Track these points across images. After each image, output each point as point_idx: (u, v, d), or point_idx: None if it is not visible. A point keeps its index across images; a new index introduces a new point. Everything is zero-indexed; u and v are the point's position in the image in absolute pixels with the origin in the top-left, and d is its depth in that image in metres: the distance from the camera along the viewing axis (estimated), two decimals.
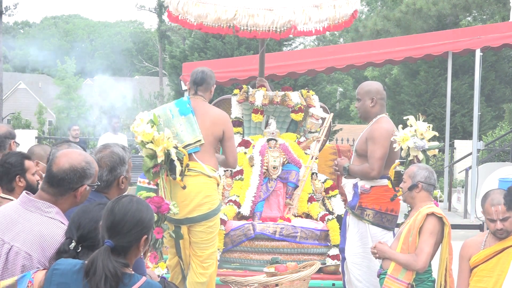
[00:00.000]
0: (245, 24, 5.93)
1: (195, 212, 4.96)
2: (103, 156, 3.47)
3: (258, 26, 5.94)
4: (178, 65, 21.47)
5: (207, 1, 5.96)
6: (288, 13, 5.93)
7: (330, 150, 7.14)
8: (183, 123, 5.03)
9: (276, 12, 5.92)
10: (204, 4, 5.94)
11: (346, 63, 11.53)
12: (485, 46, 11.23)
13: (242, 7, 5.91)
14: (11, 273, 2.78)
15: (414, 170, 4.48)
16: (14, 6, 30.38)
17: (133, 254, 2.62)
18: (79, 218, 2.76)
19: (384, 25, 20.02)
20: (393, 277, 4.31)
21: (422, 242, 4.29)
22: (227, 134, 5.15)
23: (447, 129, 12.62)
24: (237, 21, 5.93)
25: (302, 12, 5.96)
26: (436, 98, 21.94)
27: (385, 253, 4.43)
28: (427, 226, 4.29)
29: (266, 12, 5.92)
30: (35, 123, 37.09)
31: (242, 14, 5.90)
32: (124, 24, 71.78)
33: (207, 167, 4.99)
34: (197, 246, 5.03)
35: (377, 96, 5.29)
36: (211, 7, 5.92)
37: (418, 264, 4.26)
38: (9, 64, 62.94)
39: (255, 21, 5.91)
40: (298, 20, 5.95)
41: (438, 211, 4.35)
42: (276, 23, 5.92)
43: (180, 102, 5.15)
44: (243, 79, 10.77)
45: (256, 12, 5.92)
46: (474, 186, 11.53)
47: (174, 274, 5.22)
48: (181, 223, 4.99)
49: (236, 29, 5.95)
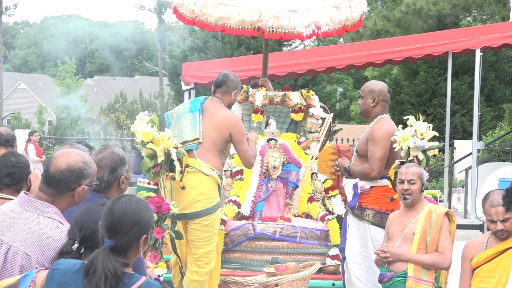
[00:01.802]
0: (271, 26, 5.96)
1: (189, 208, 4.94)
2: (104, 156, 3.47)
3: (284, 28, 5.96)
4: (178, 65, 21.47)
5: (228, 2, 5.96)
6: (311, 14, 5.97)
7: (330, 150, 7.14)
8: (188, 120, 5.10)
9: (300, 13, 5.95)
10: (225, 6, 5.94)
11: (346, 63, 11.54)
12: (485, 46, 11.25)
13: (266, 9, 5.94)
14: (9, 273, 2.77)
15: (420, 171, 4.57)
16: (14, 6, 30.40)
17: (132, 253, 2.62)
18: (82, 219, 2.75)
19: (384, 25, 20.01)
20: (417, 278, 4.34)
21: (445, 240, 4.40)
22: (235, 137, 5.11)
23: (447, 129, 12.62)
24: (262, 22, 5.94)
25: (324, 12, 6.02)
26: (436, 98, 21.93)
27: (401, 256, 4.43)
28: (445, 224, 4.43)
29: (290, 14, 5.95)
30: (35, 123, 37.09)
31: (267, 16, 5.92)
32: (124, 24, 71.77)
33: (205, 165, 4.98)
34: (192, 244, 5.01)
35: (379, 96, 5.29)
36: (234, 9, 5.93)
37: (447, 262, 4.38)
38: (9, 64, 62.94)
39: (281, 22, 5.93)
40: (322, 21, 6.01)
41: (449, 210, 4.56)
42: (302, 24, 5.95)
43: (194, 100, 5.24)
44: (243, 79, 10.76)
45: (281, 13, 5.94)
46: (474, 186, 11.54)
47: (175, 272, 5.23)
48: (176, 219, 4.99)
49: (262, 31, 5.98)
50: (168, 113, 5.31)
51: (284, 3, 6.07)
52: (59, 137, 20.18)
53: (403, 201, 4.59)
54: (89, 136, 21.44)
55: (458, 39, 11.45)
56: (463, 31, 12.77)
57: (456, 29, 16.88)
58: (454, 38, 11.58)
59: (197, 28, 24.65)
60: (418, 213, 4.48)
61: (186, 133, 5.08)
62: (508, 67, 23.92)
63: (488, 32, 11.42)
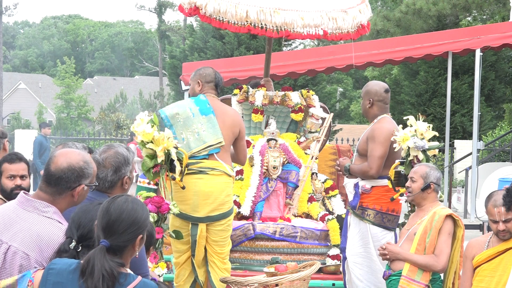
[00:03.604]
0: (274, 24, 5.94)
1: (217, 211, 5.07)
2: (108, 156, 3.47)
3: (288, 26, 5.96)
4: (178, 65, 21.47)
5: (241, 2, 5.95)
6: (316, 17, 6.01)
7: (330, 150, 7.14)
8: (204, 123, 5.09)
9: (305, 16, 5.98)
10: (245, 5, 5.91)
11: (346, 63, 11.52)
12: (485, 46, 11.23)
13: (272, 8, 5.94)
14: (9, 273, 2.77)
15: (426, 170, 4.47)
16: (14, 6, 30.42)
17: (128, 253, 2.62)
18: (80, 218, 2.75)
19: (384, 25, 20.01)
20: (409, 278, 4.31)
21: (442, 243, 4.32)
22: (242, 133, 5.28)
23: (447, 129, 12.62)
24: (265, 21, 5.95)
25: (331, 17, 6.08)
26: (436, 98, 21.93)
27: (398, 255, 4.42)
28: (446, 227, 4.34)
29: (296, 14, 5.97)
30: (35, 123, 37.10)
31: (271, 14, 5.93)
32: (124, 24, 71.80)
33: (228, 166, 5.12)
34: (216, 244, 5.13)
35: (374, 97, 5.29)
36: (254, 9, 5.91)
37: (440, 264, 4.31)
38: (9, 64, 62.94)
39: (286, 21, 5.93)
40: (330, 25, 6.06)
41: (454, 214, 4.43)
42: (307, 26, 5.98)
43: (199, 101, 5.18)
44: (243, 79, 10.77)
45: (288, 13, 5.96)
46: (474, 186, 11.54)
47: (181, 271, 5.22)
48: (200, 221, 5.06)
49: (286, 33, 5.95)
50: (167, 113, 5.12)
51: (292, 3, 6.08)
52: (59, 137, 20.18)
53: (407, 198, 4.61)
54: (89, 136, 21.44)
55: (458, 39, 11.44)
56: (463, 31, 12.75)
57: (456, 29, 16.87)
58: (454, 38, 11.56)
59: (197, 28, 24.67)
60: (425, 214, 4.46)
61: (207, 137, 5.07)
62: (508, 67, 23.92)
63: (488, 32, 11.40)
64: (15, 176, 4.33)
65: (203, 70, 5.30)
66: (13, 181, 4.33)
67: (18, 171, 4.35)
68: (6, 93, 44.89)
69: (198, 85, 5.26)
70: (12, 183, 4.32)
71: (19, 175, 4.34)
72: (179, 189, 4.91)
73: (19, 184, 4.30)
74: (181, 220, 5.06)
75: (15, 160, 4.37)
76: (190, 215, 5.02)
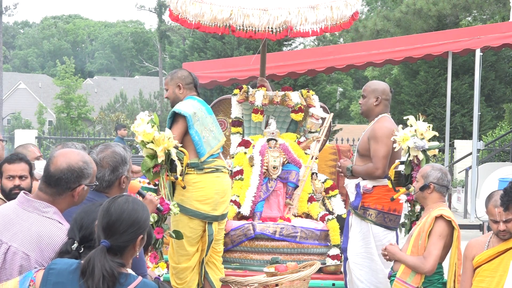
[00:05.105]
0: (241, 24, 5.94)
1: (227, 208, 5.30)
2: (105, 156, 3.47)
3: (254, 26, 5.94)
4: (178, 65, 21.49)
5: (204, 0, 5.97)
6: (283, 14, 5.93)
7: (330, 150, 7.14)
8: (212, 123, 5.23)
9: (272, 13, 5.92)
10: (200, 3, 5.94)
11: (346, 63, 11.52)
12: (485, 46, 11.23)
13: (237, 7, 5.92)
14: (9, 273, 2.77)
15: (427, 170, 4.44)
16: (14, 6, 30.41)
17: (129, 254, 2.62)
18: (82, 219, 2.75)
19: (384, 25, 20.00)
20: (402, 281, 4.29)
21: (431, 245, 4.26)
22: None
23: (447, 129, 12.62)
24: (233, 20, 5.93)
25: (297, 13, 5.95)
26: (436, 98, 21.93)
27: (395, 255, 4.40)
28: (436, 229, 4.26)
29: (261, 13, 5.93)
30: (35, 123, 37.09)
31: (238, 14, 5.90)
32: (124, 24, 71.74)
33: (227, 165, 5.35)
34: (217, 242, 5.27)
35: (382, 96, 5.31)
36: (207, 6, 5.93)
37: (426, 267, 4.23)
38: (9, 64, 62.94)
39: (251, 21, 5.91)
40: (294, 21, 5.95)
41: (447, 214, 4.30)
42: (272, 24, 5.92)
43: (202, 102, 5.29)
44: (243, 79, 10.76)
45: (251, 12, 5.92)
46: (474, 186, 11.54)
47: (193, 275, 5.16)
48: (216, 219, 5.15)
49: (232, 28, 5.94)
50: (190, 113, 5.03)
51: (258, 1, 6.02)
52: (59, 137, 20.17)
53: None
54: (89, 136, 21.44)
55: (458, 39, 11.44)
56: (463, 31, 12.75)
57: (456, 29, 16.85)
58: (454, 38, 11.57)
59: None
60: (425, 215, 4.44)
61: (218, 135, 5.25)
62: (508, 67, 23.93)
63: (488, 32, 11.40)
64: (14, 177, 4.34)
65: (180, 73, 5.29)
66: (12, 181, 4.33)
67: (17, 171, 4.35)
68: (6, 93, 44.86)
69: (179, 88, 5.26)
70: (11, 183, 4.32)
71: (18, 175, 4.35)
72: (200, 188, 4.98)
73: (18, 184, 4.30)
74: (199, 220, 5.07)
75: (15, 161, 4.38)
76: (210, 214, 5.08)
